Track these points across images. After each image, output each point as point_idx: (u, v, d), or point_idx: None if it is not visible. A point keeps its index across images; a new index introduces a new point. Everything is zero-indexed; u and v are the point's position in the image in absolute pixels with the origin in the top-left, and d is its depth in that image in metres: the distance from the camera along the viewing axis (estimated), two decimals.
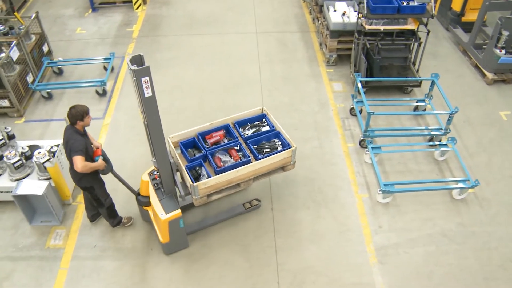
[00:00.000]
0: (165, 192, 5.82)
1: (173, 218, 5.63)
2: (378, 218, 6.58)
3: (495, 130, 8.11)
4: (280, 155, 5.82)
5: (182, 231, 5.95)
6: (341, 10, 9.21)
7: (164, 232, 5.80)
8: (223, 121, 6.33)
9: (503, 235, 6.40)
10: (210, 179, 5.48)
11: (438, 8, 11.29)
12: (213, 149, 5.92)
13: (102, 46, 10.27)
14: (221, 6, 11.80)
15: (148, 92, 4.83)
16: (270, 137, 6.21)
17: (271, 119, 6.38)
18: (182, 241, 6.11)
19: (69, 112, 5.35)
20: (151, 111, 5.04)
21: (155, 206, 5.73)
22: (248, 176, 5.75)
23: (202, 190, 5.47)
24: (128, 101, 8.59)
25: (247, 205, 6.64)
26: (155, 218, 6.00)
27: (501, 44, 8.88)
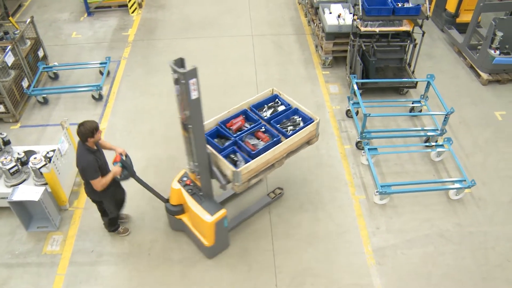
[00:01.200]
0: (203, 195, 5.80)
1: (219, 219, 5.63)
2: (375, 220, 6.59)
3: (490, 130, 8.14)
4: (307, 129, 5.93)
5: (225, 231, 5.98)
6: (336, 12, 9.23)
7: (210, 235, 5.78)
8: (239, 107, 6.31)
9: (500, 235, 6.41)
10: (250, 163, 5.46)
11: (432, 9, 11.33)
12: (241, 135, 5.91)
13: (98, 50, 10.27)
14: (217, 10, 11.81)
15: (195, 94, 4.83)
16: (288, 115, 6.27)
17: (284, 97, 6.45)
18: (224, 241, 6.13)
19: (78, 130, 5.22)
20: (196, 113, 5.00)
21: (197, 211, 5.68)
22: (282, 154, 5.82)
23: (244, 175, 5.47)
24: (125, 106, 8.58)
25: (271, 195, 6.78)
26: (196, 224, 5.93)
27: (495, 45, 8.93)
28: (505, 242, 6.33)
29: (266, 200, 6.71)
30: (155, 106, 8.56)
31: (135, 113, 8.40)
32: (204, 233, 5.85)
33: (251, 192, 6.99)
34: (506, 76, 9.19)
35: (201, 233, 5.91)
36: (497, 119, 8.39)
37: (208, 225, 5.61)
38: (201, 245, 6.04)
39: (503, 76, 9.18)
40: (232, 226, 6.30)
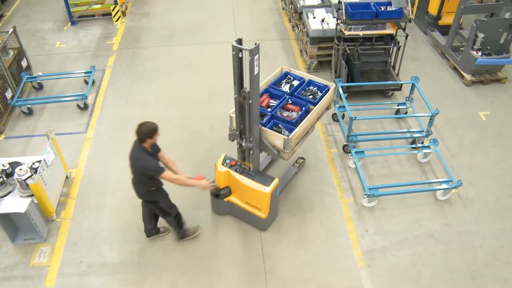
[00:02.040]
0: (253, 171, 6.12)
1: (274, 188, 5.99)
2: (364, 222, 6.61)
3: (475, 130, 8.23)
4: (328, 94, 6.61)
5: (277, 200, 6.36)
6: (320, 17, 9.28)
7: (265, 206, 6.12)
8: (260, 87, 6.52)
9: (487, 234, 6.47)
10: (296, 130, 5.97)
11: (415, 12, 11.46)
12: (275, 109, 6.38)
13: (82, 59, 10.20)
14: (201, 17, 11.82)
15: (256, 69, 5.24)
16: (304, 87, 6.87)
17: (295, 72, 7.09)
18: (275, 211, 6.50)
19: (138, 129, 5.26)
20: (255, 88, 5.38)
21: (252, 185, 5.99)
22: (314, 120, 6.44)
23: (293, 142, 5.96)
24: (110, 114, 8.53)
25: (296, 165, 7.36)
26: (252, 199, 6.19)
27: (477, 46, 9.05)
28: (493, 240, 6.39)
29: (294, 170, 7.24)
30: (141, 114, 8.52)
31: (121, 122, 8.36)
32: (260, 206, 6.17)
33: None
34: (489, 76, 9.31)
35: (257, 207, 6.21)
36: (481, 119, 8.49)
37: (266, 196, 5.95)
38: (256, 220, 6.38)
39: (485, 77, 9.30)
40: None
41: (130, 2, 12.59)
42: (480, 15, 10.21)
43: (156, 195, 5.73)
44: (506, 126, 8.33)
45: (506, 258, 6.17)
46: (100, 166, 7.48)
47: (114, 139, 7.99)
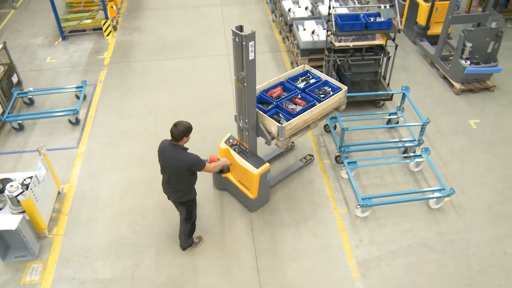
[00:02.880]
0: (249, 152, 6.57)
1: (263, 171, 6.41)
2: (358, 232, 6.61)
3: (465, 138, 8.29)
4: (337, 95, 6.85)
5: (267, 185, 6.78)
6: (310, 29, 9.35)
7: (254, 187, 6.52)
8: (277, 79, 7.22)
9: (480, 241, 6.49)
10: (293, 120, 6.26)
11: (404, 22, 11.58)
12: (281, 100, 6.76)
13: (74, 74, 10.19)
14: (192, 30, 11.87)
15: (251, 55, 5.62)
16: (319, 86, 7.17)
17: (315, 72, 7.40)
18: (266, 196, 6.92)
19: (175, 128, 5.40)
20: (251, 72, 5.79)
21: (245, 165, 6.46)
22: (317, 116, 6.68)
23: (287, 131, 6.24)
24: (102, 129, 8.51)
25: (303, 160, 7.69)
26: (243, 178, 6.67)
27: (465, 55, 9.14)
28: (485, 247, 6.41)
29: (299, 164, 7.57)
30: (133, 128, 8.51)
31: (113, 136, 8.34)
32: (250, 186, 6.58)
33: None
34: (478, 85, 9.40)
35: (247, 187, 6.65)
36: (471, 127, 8.56)
37: (254, 177, 6.35)
38: (246, 199, 6.81)
39: (475, 85, 9.39)
40: (272, 184, 7.13)
41: (121, 16, 12.64)
42: (467, 25, 10.34)
43: (194, 193, 5.86)
44: (496, 133, 8.40)
45: (499, 265, 6.19)
46: (92, 181, 7.44)
47: (106, 154, 7.97)
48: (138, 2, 13.45)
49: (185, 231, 6.16)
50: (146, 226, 6.68)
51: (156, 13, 12.80)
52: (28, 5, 13.45)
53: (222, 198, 7.12)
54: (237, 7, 13.01)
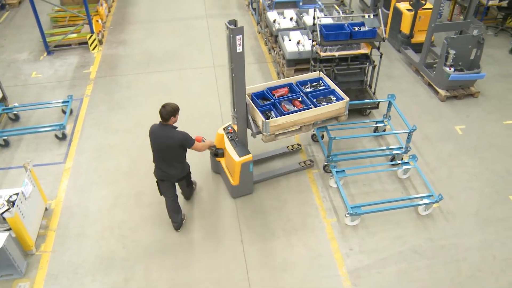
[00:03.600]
0: (239, 142, 6.95)
1: (245, 161, 6.74)
2: (348, 241, 6.61)
3: (452, 144, 8.37)
4: (335, 105, 6.96)
5: (250, 176, 7.06)
6: (296, 39, 9.41)
7: (236, 175, 6.88)
8: (287, 80, 7.52)
9: (470, 246, 6.54)
10: (278, 118, 6.58)
11: (388, 31, 11.71)
12: (280, 99, 7.06)
13: (60, 89, 10.14)
14: (178, 43, 11.89)
15: (239, 48, 5.97)
16: (326, 93, 7.35)
17: (327, 81, 7.55)
18: (249, 186, 7.21)
19: (163, 109, 5.92)
20: (239, 65, 6.17)
21: (230, 152, 6.84)
22: (309, 120, 6.86)
23: (272, 128, 6.57)
24: (89, 144, 8.45)
25: (302, 164, 7.79)
26: (228, 164, 7.11)
27: (449, 63, 9.26)
28: (475, 252, 6.45)
29: (295, 166, 7.75)
30: (121, 142, 8.47)
31: (101, 151, 8.29)
32: (232, 172, 6.96)
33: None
34: (462, 91, 9.52)
35: (231, 173, 7.04)
36: (457, 133, 8.65)
37: (236, 164, 6.72)
38: (228, 184, 7.23)
39: (459, 92, 9.51)
40: (259, 179, 7.45)
41: (106, 30, 12.62)
42: (450, 32, 10.48)
43: (187, 166, 6.54)
44: (481, 139, 8.50)
45: (489, 269, 6.23)
46: (80, 196, 7.38)
47: (94, 168, 7.91)
48: (123, 16, 13.45)
49: (190, 190, 7.06)
50: (136, 241, 6.63)
51: (142, 26, 12.80)
52: (12, 20, 13.38)
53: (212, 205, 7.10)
54: (222, 19, 13.06)
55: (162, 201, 7.15)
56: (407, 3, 10.71)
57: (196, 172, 7.53)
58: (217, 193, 7.37)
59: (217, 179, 7.65)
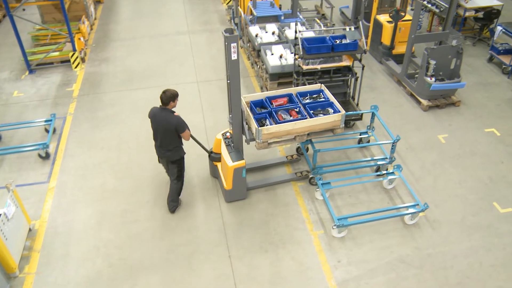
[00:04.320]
0: (234, 147, 7.15)
1: (238, 166, 6.92)
2: (336, 253, 6.61)
3: (436, 153, 8.46)
4: (331, 117, 7.04)
5: (243, 182, 7.21)
6: (278, 53, 9.48)
7: (229, 179, 7.07)
8: (287, 90, 7.65)
9: (456, 253, 6.59)
10: (272, 126, 6.76)
11: (369, 43, 11.86)
12: (277, 108, 7.22)
13: (42, 108, 10.05)
14: (160, 59, 11.89)
15: (234, 55, 6.22)
16: (324, 106, 7.43)
17: (327, 94, 7.64)
18: (242, 191, 7.35)
19: (163, 95, 6.54)
20: (234, 71, 6.43)
21: (224, 157, 7.07)
22: (303, 130, 6.97)
23: (264, 136, 6.75)
24: (74, 162, 8.37)
25: (298, 174, 7.88)
26: (223, 168, 7.31)
27: (430, 73, 9.40)
28: (462, 259, 6.50)
29: (291, 176, 7.84)
30: (105, 160, 8.40)
31: (85, 169, 8.21)
32: (226, 177, 7.16)
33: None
34: (444, 100, 9.66)
35: (224, 177, 7.23)
36: (440, 142, 8.75)
37: (229, 168, 6.92)
38: (222, 188, 7.42)
39: (441, 101, 9.64)
40: (253, 186, 7.59)
41: (88, 48, 12.59)
42: (430, 43, 10.66)
43: (182, 150, 6.94)
44: (464, 147, 8.61)
45: (476, 276, 6.27)
46: (64, 215, 7.28)
47: (78, 187, 7.83)
48: (106, 33, 13.44)
49: (177, 190, 7.17)
50: (123, 259, 6.55)
51: (124, 44, 12.80)
52: None
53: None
54: (204, 34, 13.12)
55: (149, 217, 7.13)
56: (387, 15, 10.88)
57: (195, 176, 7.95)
58: (206, 203, 7.34)
59: (207, 184, 7.66)
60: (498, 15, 12.12)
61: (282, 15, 11.04)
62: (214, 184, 7.79)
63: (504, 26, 10.99)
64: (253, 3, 11.06)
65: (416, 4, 9.35)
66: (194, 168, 8.07)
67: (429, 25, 12.77)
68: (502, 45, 11.16)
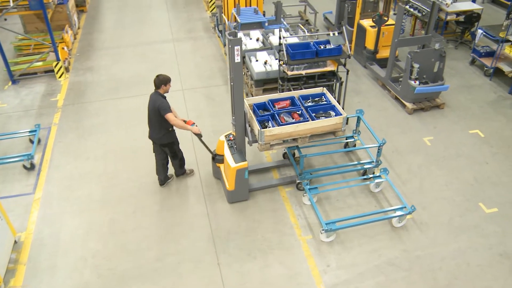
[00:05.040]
0: (237, 149, 7.25)
1: (240, 167, 7.06)
2: (325, 258, 6.62)
3: (421, 155, 8.53)
4: (332, 119, 7.12)
5: (246, 183, 7.32)
6: (263, 60, 9.50)
7: (231, 180, 7.20)
8: (289, 93, 7.75)
9: (444, 255, 6.63)
10: (274, 128, 6.87)
11: (353, 48, 11.94)
12: (279, 111, 7.33)
13: (26, 118, 9.94)
14: (145, 67, 11.85)
15: (237, 58, 6.34)
16: (326, 108, 7.54)
17: (329, 97, 7.74)
18: (244, 192, 7.47)
19: (156, 79, 7.06)
20: (237, 74, 6.55)
21: (227, 158, 7.18)
22: (305, 133, 7.05)
23: (267, 137, 6.86)
24: (59, 173, 8.28)
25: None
26: (225, 169, 7.42)
27: (414, 76, 9.49)
28: (450, 260, 6.55)
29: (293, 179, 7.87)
30: (91, 170, 8.33)
31: (71, 179, 8.13)
32: (228, 178, 7.29)
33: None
34: (428, 103, 9.75)
35: (227, 178, 7.38)
36: (426, 144, 8.82)
37: (231, 169, 7.06)
38: (225, 189, 7.54)
39: (425, 104, 9.74)
40: (255, 187, 7.70)
41: (72, 57, 12.51)
42: (413, 47, 10.77)
43: (172, 136, 7.37)
44: (449, 149, 8.70)
45: (464, 277, 6.32)
46: (51, 226, 7.20)
47: (65, 198, 7.75)
48: (90, 42, 13.36)
49: (176, 165, 7.82)
50: (111, 269, 6.49)
51: (108, 52, 12.74)
52: None
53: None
54: (189, 42, 13.12)
55: (136, 226, 7.10)
56: (370, 20, 10.98)
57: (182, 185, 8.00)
58: (193, 211, 7.31)
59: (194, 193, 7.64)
60: (478, 19, 12.31)
61: (266, 21, 11.09)
62: (201, 192, 7.76)
63: (484, 30, 11.16)
64: (237, 10, 11.08)
65: (399, 8, 9.46)
66: (181, 178, 8.04)
67: (412, 29, 12.92)
68: (483, 48, 11.32)
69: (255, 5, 11.74)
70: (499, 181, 7.99)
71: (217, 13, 13.06)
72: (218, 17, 13.04)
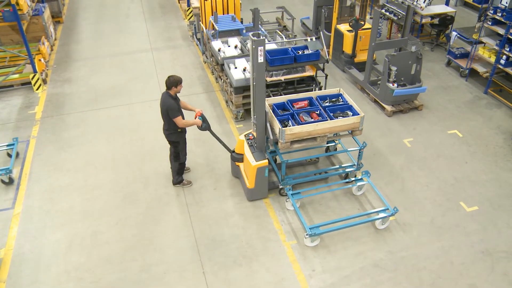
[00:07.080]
0: (257, 148, 7.36)
1: (261, 165, 7.18)
2: (310, 262, 6.63)
3: (402, 157, 8.62)
4: (351, 119, 7.31)
5: (265, 181, 7.45)
6: (241, 67, 9.50)
7: (251, 178, 7.35)
8: (307, 94, 7.92)
9: (428, 254, 6.71)
10: (294, 127, 7.02)
11: (331, 52, 12.05)
12: (299, 111, 7.50)
13: (3, 132, 9.77)
14: (124, 77, 11.77)
15: (261, 59, 6.45)
16: (343, 108, 7.74)
17: (346, 97, 7.92)
18: (263, 190, 7.60)
19: (167, 80, 7.09)
20: (260, 74, 6.65)
21: (248, 156, 7.30)
22: (324, 132, 7.21)
23: (287, 136, 7.01)
24: (39, 186, 8.15)
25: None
26: (246, 168, 7.57)
27: (392, 79, 9.61)
28: (434, 260, 6.62)
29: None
30: (72, 182, 8.23)
31: (52, 192, 8.01)
32: (248, 176, 7.43)
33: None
34: (407, 105, 9.88)
35: (247, 176, 7.51)
36: (406, 146, 8.92)
37: (252, 168, 7.17)
38: (245, 187, 7.66)
39: (404, 106, 9.86)
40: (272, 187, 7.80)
41: (50, 69, 12.36)
42: (390, 50, 10.91)
43: (178, 136, 7.45)
44: (429, 149, 8.81)
45: (448, 275, 6.39)
46: (32, 241, 7.07)
47: (46, 211, 7.62)
48: (67, 53, 13.23)
49: (174, 168, 7.86)
50: (95, 282, 6.40)
51: (86, 63, 12.62)
52: None
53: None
54: (167, 51, 13.08)
55: (120, 238, 7.03)
56: (347, 24, 11.10)
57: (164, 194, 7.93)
58: (176, 221, 7.26)
59: (176, 202, 7.57)
60: (452, 21, 12.54)
61: (244, 28, 11.12)
62: (184, 202, 7.72)
63: (458, 32, 11.36)
64: (214, 18, 11.10)
65: (375, 12, 9.58)
66: (162, 185, 8.00)
67: (389, 33, 13.10)
68: (458, 50, 11.53)
69: (232, 12, 11.76)
70: (479, 179, 8.12)
71: (195, 21, 13.06)
72: (196, 25, 13.04)
